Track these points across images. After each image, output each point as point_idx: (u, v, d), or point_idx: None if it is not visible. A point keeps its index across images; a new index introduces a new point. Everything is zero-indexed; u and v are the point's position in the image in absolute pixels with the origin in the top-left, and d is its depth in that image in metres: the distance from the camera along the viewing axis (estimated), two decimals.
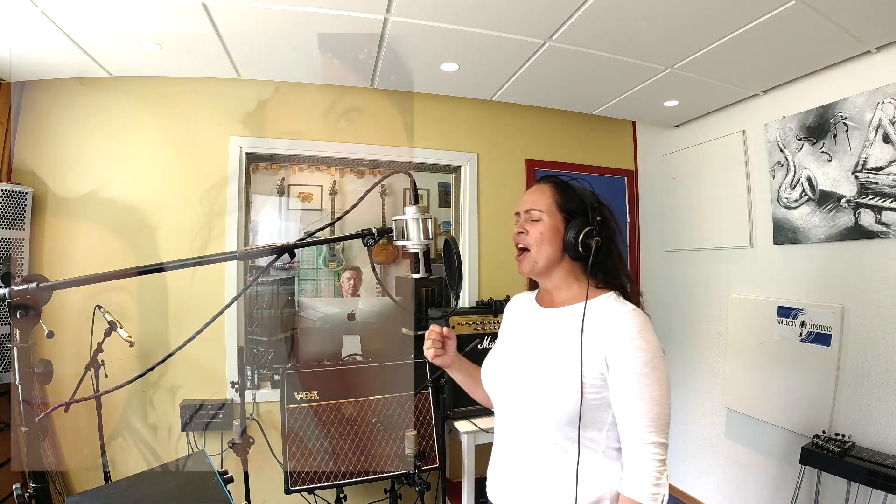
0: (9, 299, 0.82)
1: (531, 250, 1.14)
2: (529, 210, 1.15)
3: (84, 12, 1.76)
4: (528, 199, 1.18)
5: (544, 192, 1.16)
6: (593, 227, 1.09)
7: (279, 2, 1.75)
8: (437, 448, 2.24)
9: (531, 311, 1.23)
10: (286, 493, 2.01)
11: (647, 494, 0.95)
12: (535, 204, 1.15)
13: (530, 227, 1.14)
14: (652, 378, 0.97)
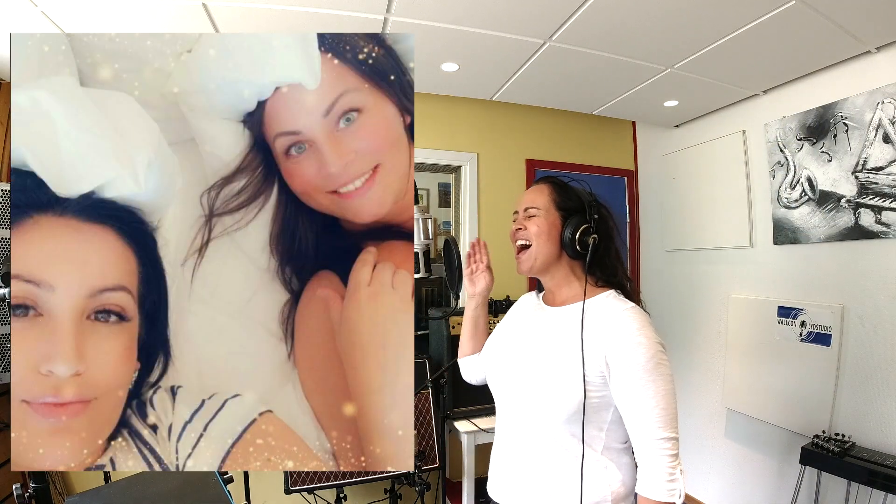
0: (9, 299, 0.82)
1: (531, 245, 1.14)
2: (527, 208, 1.16)
3: (84, 12, 1.76)
4: (526, 198, 1.19)
5: (542, 190, 1.18)
6: (590, 225, 1.10)
7: (279, 2, 1.75)
8: (437, 448, 2.24)
9: (536, 310, 1.24)
10: (286, 493, 2.01)
11: (663, 492, 0.95)
12: (532, 202, 1.16)
13: (528, 223, 1.15)
14: (656, 374, 0.98)
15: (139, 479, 1.17)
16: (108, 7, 1.74)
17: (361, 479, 2.10)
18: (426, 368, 2.34)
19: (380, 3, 1.75)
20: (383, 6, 1.78)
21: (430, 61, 2.28)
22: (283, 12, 1.81)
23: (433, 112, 2.86)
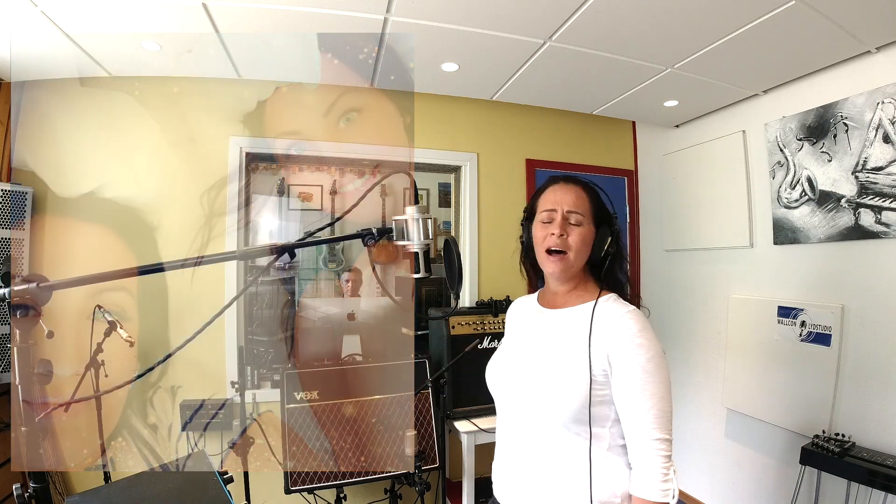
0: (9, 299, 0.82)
1: (570, 255, 1.12)
2: (572, 212, 1.13)
3: (84, 12, 1.76)
4: (566, 198, 1.14)
5: (583, 196, 1.16)
6: (614, 238, 1.14)
7: (279, 2, 1.75)
8: (437, 448, 2.24)
9: (536, 313, 1.25)
10: (286, 493, 2.01)
11: (657, 492, 0.97)
12: (577, 207, 1.13)
13: (571, 230, 1.12)
14: (654, 375, 1.00)
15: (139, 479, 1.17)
16: (108, 7, 1.74)
17: (361, 479, 2.10)
18: (426, 368, 2.34)
19: (380, 3, 1.76)
20: (383, 6, 1.78)
21: (430, 61, 2.29)
22: (284, 12, 1.81)
23: (433, 112, 2.86)
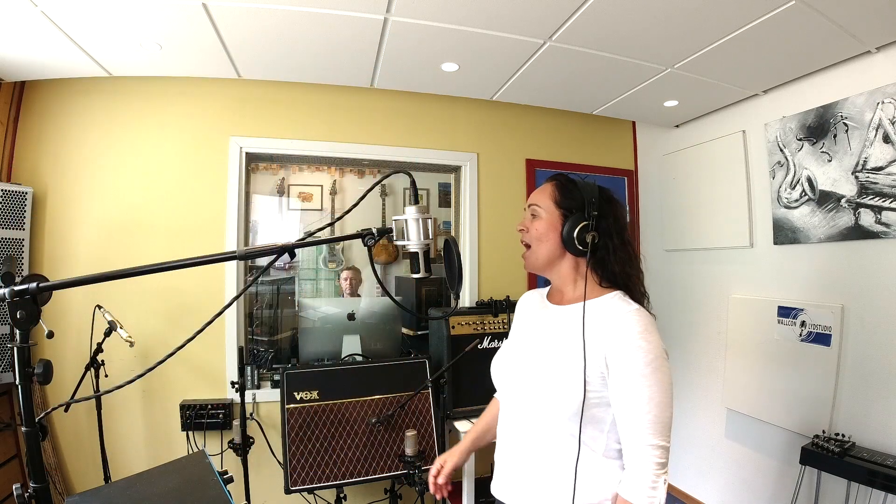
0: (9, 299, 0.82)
1: (532, 245, 1.17)
2: (531, 205, 1.20)
3: (84, 12, 1.76)
4: (532, 197, 1.22)
5: (546, 189, 1.20)
6: (589, 223, 1.10)
7: (279, 2, 1.74)
8: (437, 448, 2.24)
9: (540, 308, 1.24)
10: (286, 493, 2.01)
11: (642, 497, 0.94)
12: (535, 200, 1.19)
13: (530, 223, 1.18)
14: (653, 379, 0.97)
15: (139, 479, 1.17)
16: (108, 7, 1.74)
17: (361, 479, 2.10)
18: (426, 368, 2.34)
19: (380, 3, 1.75)
20: (383, 6, 1.78)
21: (430, 61, 2.28)
22: (283, 12, 1.81)
23: (433, 112, 2.86)
